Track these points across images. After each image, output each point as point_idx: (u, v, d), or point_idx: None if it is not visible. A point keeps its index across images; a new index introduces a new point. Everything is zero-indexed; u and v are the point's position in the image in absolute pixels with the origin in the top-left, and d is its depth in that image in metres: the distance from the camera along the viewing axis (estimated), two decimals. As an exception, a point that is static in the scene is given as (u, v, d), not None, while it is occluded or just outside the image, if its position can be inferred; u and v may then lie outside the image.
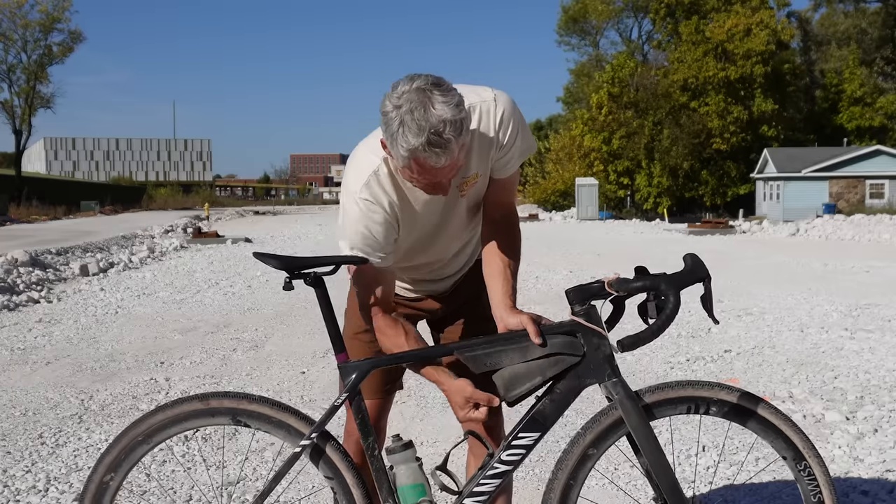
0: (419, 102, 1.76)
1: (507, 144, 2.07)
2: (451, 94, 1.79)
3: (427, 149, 1.77)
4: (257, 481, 3.59)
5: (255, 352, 6.52)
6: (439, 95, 1.78)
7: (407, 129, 1.76)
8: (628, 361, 5.82)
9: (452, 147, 1.78)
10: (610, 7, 56.66)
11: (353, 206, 2.00)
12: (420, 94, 1.77)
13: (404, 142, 1.78)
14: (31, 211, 39.91)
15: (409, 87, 1.79)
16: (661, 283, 1.90)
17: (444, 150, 1.78)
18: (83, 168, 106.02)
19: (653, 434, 1.96)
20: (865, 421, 4.32)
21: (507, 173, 2.15)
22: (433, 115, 1.76)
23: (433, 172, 1.84)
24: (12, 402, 4.95)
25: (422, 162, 1.80)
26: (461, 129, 1.79)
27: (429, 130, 1.75)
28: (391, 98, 1.80)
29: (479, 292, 2.29)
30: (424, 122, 1.75)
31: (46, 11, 51.71)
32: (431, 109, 1.76)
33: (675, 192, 47.99)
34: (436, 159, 1.79)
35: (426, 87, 1.78)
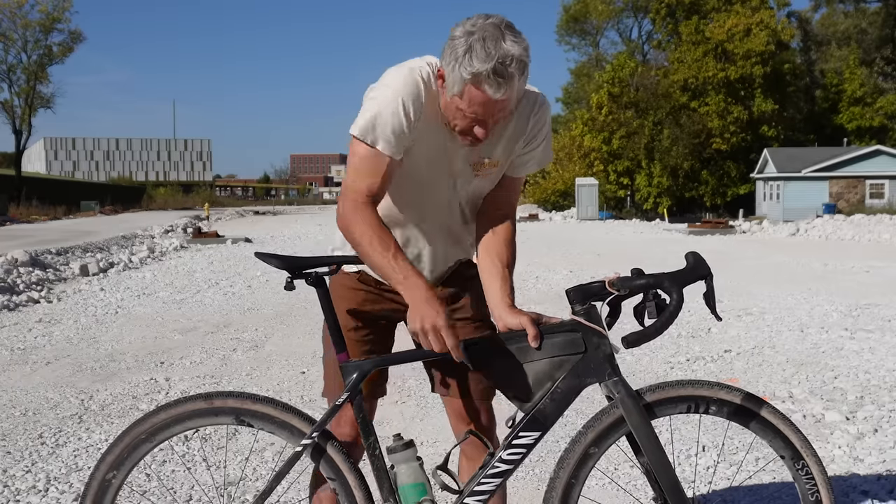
0: (492, 34, 1.80)
1: (535, 143, 2.11)
2: (521, 37, 1.84)
3: (491, 76, 1.79)
4: (257, 481, 3.59)
5: (255, 352, 6.52)
6: (511, 35, 1.82)
7: (475, 54, 1.79)
8: (628, 361, 5.83)
9: (514, 82, 1.82)
10: (610, 7, 56.69)
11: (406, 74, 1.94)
12: (494, 28, 1.82)
13: (469, 65, 1.80)
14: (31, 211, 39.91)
15: (484, 20, 1.83)
16: (664, 281, 1.91)
17: (506, 81, 1.81)
18: (83, 168, 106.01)
19: (654, 433, 1.96)
20: (865, 421, 4.33)
21: (521, 173, 2.18)
22: (503, 47, 1.80)
23: (485, 106, 1.85)
24: (12, 402, 4.96)
25: (480, 90, 1.82)
26: (524, 70, 1.83)
27: (497, 59, 1.78)
28: (464, 24, 1.84)
29: (460, 293, 2.29)
30: (494, 51, 1.79)
31: (46, 11, 51.73)
32: (502, 42, 1.80)
33: (675, 192, 48.00)
34: (495, 89, 1.81)
35: (500, 25, 1.82)
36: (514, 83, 1.82)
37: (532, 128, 2.09)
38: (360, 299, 2.24)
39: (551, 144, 2.17)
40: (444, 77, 1.90)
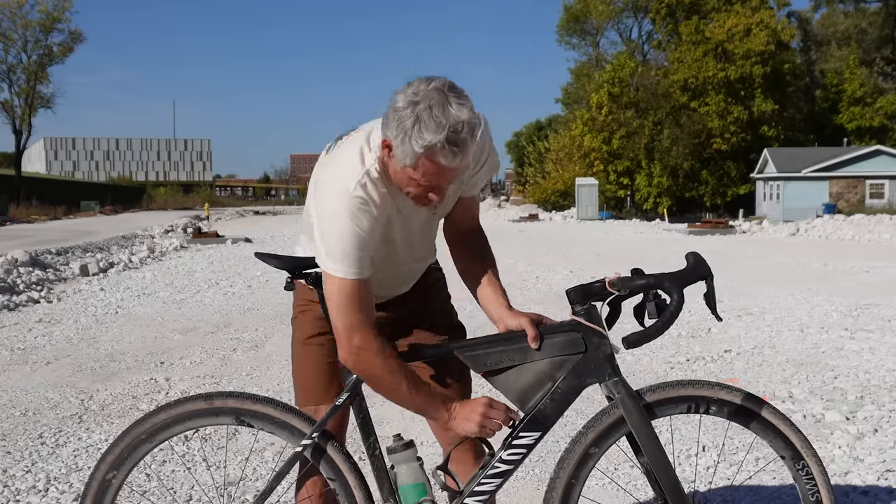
0: (438, 101, 1.75)
1: (480, 162, 2.06)
2: (465, 98, 1.79)
3: (445, 146, 1.74)
4: (257, 481, 3.59)
5: (255, 352, 6.52)
6: (455, 98, 1.77)
7: (424, 125, 1.73)
8: (628, 361, 5.82)
9: (467, 148, 1.77)
10: (610, 7, 56.69)
11: (345, 203, 1.87)
12: (438, 93, 1.76)
13: (419, 138, 1.74)
14: (31, 211, 39.92)
15: (426, 86, 1.77)
16: (665, 281, 1.91)
17: (461, 149, 1.76)
18: (83, 168, 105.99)
19: (654, 433, 1.97)
20: (865, 421, 4.33)
21: (476, 191, 2.16)
22: (452, 114, 1.74)
23: (440, 174, 1.81)
24: (12, 402, 4.96)
25: (434, 161, 1.77)
26: (474, 131, 1.77)
27: (448, 128, 1.73)
28: (406, 94, 1.77)
29: (427, 300, 2.29)
30: (444, 120, 1.74)
31: (46, 11, 51.74)
32: (450, 108, 1.75)
33: (675, 192, 48.00)
34: (450, 159, 1.76)
35: (443, 88, 1.77)
36: (467, 149, 1.77)
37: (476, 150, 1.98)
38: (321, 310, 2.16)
39: (495, 151, 2.11)
40: (390, 147, 1.82)
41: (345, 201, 1.88)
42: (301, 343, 2.26)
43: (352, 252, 1.88)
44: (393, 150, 1.82)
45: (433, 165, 1.78)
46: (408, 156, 1.78)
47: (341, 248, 1.88)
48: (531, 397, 1.99)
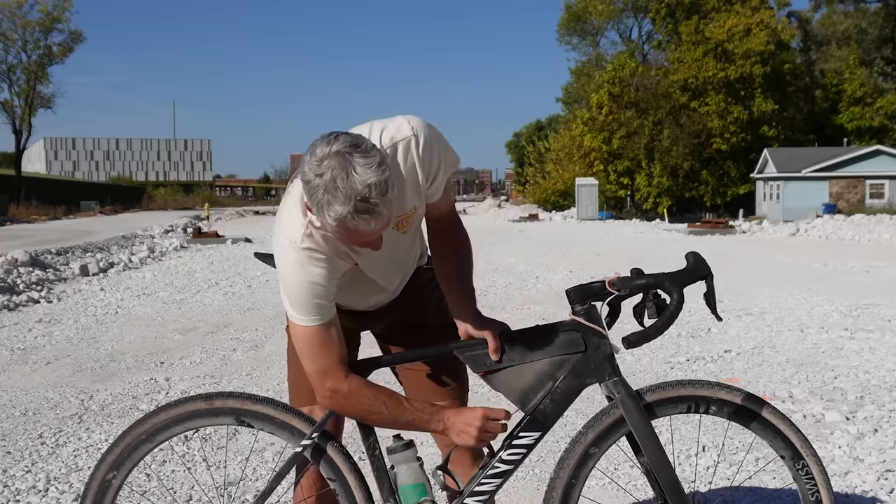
0: (341, 168, 1.69)
1: (433, 172, 2.02)
2: (371, 155, 1.71)
3: (356, 216, 1.70)
4: (257, 481, 3.59)
5: (255, 352, 6.52)
6: (360, 158, 1.70)
7: (332, 197, 1.69)
8: (628, 361, 5.82)
9: (381, 210, 1.72)
10: (610, 7, 56.68)
11: (294, 256, 1.88)
12: (340, 158, 1.69)
13: (331, 211, 1.70)
14: (31, 211, 39.92)
15: (328, 151, 1.71)
16: (665, 281, 1.91)
17: (373, 214, 1.71)
18: (83, 168, 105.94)
19: (654, 433, 1.97)
20: (865, 421, 4.33)
21: (439, 195, 2.10)
22: (357, 180, 1.69)
23: (364, 234, 1.78)
24: (12, 402, 4.96)
25: (351, 229, 1.74)
26: (386, 190, 1.72)
27: (355, 198, 1.68)
28: (311, 166, 1.72)
29: (419, 301, 2.27)
30: (350, 190, 1.68)
31: (46, 11, 51.73)
32: (354, 174, 1.69)
33: (675, 192, 47.99)
34: (366, 224, 1.72)
35: (345, 151, 1.70)
36: (380, 210, 1.71)
37: (422, 162, 1.97)
38: None
39: (448, 148, 2.06)
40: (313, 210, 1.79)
41: (293, 255, 1.88)
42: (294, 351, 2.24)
43: (308, 301, 1.89)
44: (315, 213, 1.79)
45: (353, 230, 1.75)
46: (327, 225, 1.76)
47: (298, 299, 1.90)
48: (531, 397, 1.99)
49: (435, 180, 2.03)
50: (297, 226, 1.89)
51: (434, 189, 2.05)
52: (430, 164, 1.98)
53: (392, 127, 1.95)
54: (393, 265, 2.14)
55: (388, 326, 2.31)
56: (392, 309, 2.25)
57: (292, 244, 1.89)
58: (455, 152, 2.08)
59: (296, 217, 1.90)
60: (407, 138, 1.94)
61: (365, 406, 1.94)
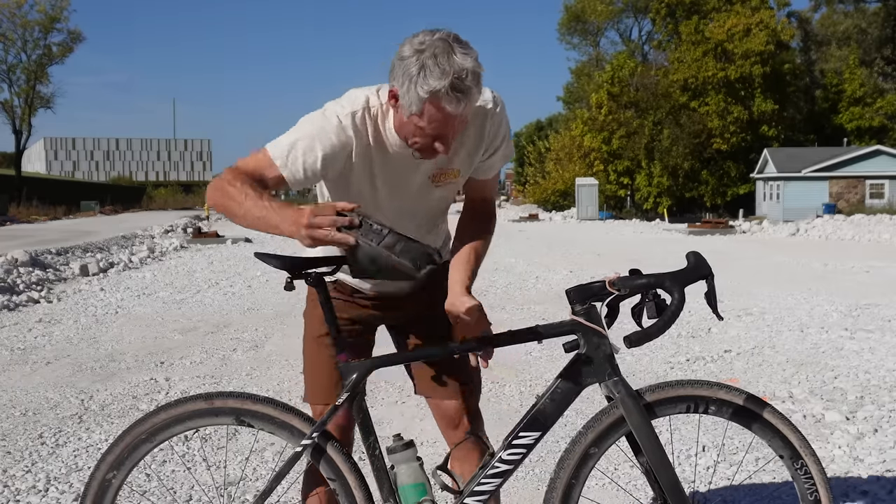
0: (443, 49, 1.79)
1: (493, 149, 2.09)
2: (470, 49, 1.83)
3: (449, 92, 1.78)
4: (257, 481, 3.59)
5: (255, 352, 6.52)
6: (460, 47, 1.81)
7: (429, 72, 1.78)
8: (628, 361, 5.83)
9: (472, 95, 1.81)
10: (610, 7, 56.69)
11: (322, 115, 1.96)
12: (444, 43, 1.81)
13: (425, 84, 1.79)
14: (31, 211, 39.92)
15: (431, 37, 1.81)
16: (666, 281, 1.91)
17: (465, 96, 1.80)
18: (83, 168, 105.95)
19: (654, 433, 1.97)
20: (865, 421, 4.33)
21: (489, 175, 2.18)
22: (456, 61, 1.79)
23: (445, 122, 1.84)
24: (12, 402, 4.96)
25: (438, 107, 1.81)
26: (479, 80, 1.82)
27: (453, 74, 1.78)
28: (411, 43, 1.82)
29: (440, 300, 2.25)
30: (448, 67, 1.78)
31: (45, 11, 51.73)
32: (454, 56, 1.79)
33: (676, 192, 47.98)
34: (455, 105, 1.80)
35: (447, 39, 1.81)
36: (471, 96, 1.82)
37: (489, 132, 2.07)
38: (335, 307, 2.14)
39: (511, 141, 2.16)
40: (397, 97, 1.87)
41: (324, 113, 1.97)
42: (313, 339, 2.26)
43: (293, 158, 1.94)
44: (399, 99, 1.86)
45: (438, 112, 1.82)
46: (413, 103, 1.83)
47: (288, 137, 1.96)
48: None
49: (491, 157, 2.11)
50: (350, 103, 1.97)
51: (485, 167, 2.13)
52: (494, 139, 2.08)
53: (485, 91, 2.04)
54: (409, 212, 2.14)
55: (408, 316, 2.31)
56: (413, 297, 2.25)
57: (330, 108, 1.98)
58: (513, 146, 2.18)
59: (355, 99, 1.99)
60: (486, 101, 2.04)
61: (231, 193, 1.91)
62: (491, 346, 2.05)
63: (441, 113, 1.82)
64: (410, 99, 1.82)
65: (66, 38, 53.91)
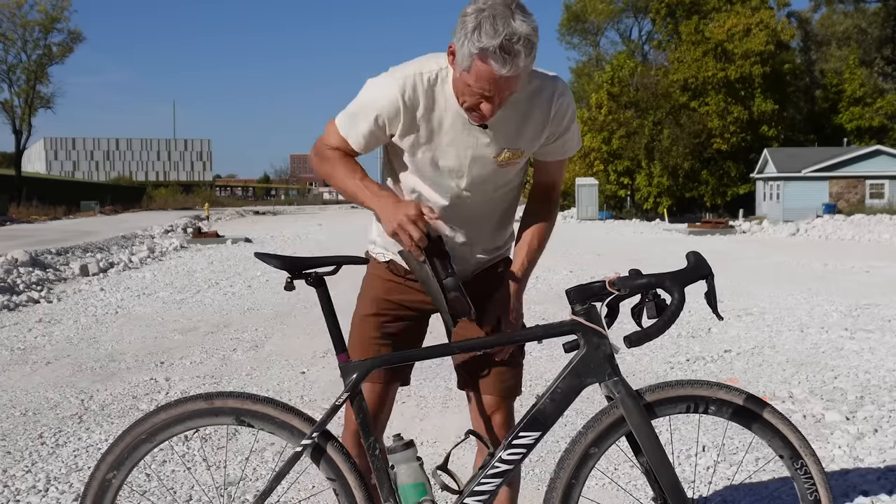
0: (502, 11, 1.84)
1: (560, 128, 2.14)
2: (530, 18, 1.87)
3: (497, 51, 1.82)
4: (257, 481, 3.59)
5: (255, 352, 6.52)
6: (521, 14, 1.85)
7: (483, 30, 1.82)
8: (628, 361, 5.83)
9: (520, 60, 1.84)
10: (610, 7, 56.69)
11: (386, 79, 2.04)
12: (504, 6, 1.84)
13: (477, 40, 1.83)
14: (31, 211, 39.90)
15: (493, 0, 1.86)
16: (666, 280, 1.91)
17: (512, 58, 1.83)
18: (83, 168, 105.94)
19: (654, 432, 1.97)
20: (865, 421, 4.33)
21: (556, 157, 2.23)
22: (511, 24, 1.83)
23: (491, 82, 1.87)
24: (12, 402, 4.96)
25: (487, 65, 1.85)
26: (531, 49, 1.85)
27: (504, 35, 1.81)
28: (476, 2, 1.87)
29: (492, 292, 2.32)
30: (502, 27, 1.82)
31: (45, 11, 51.73)
32: (511, 20, 1.83)
33: (676, 192, 47.99)
34: (501, 65, 1.84)
35: (511, 4, 1.85)
36: (519, 60, 1.85)
37: (555, 115, 2.11)
38: (387, 288, 2.31)
39: (578, 131, 2.21)
40: (454, 53, 1.92)
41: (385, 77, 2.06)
42: (360, 317, 2.34)
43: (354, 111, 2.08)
44: (455, 55, 1.92)
45: (486, 69, 1.86)
46: (464, 58, 1.88)
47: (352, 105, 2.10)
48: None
49: (555, 142, 2.16)
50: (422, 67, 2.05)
51: (552, 149, 2.19)
52: (560, 122, 2.13)
53: (550, 75, 2.12)
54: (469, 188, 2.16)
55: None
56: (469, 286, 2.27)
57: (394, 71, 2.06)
58: (580, 138, 2.24)
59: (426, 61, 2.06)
60: (554, 80, 2.11)
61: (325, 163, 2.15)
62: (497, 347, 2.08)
63: (489, 71, 1.86)
64: (463, 55, 1.88)
65: (66, 38, 53.95)
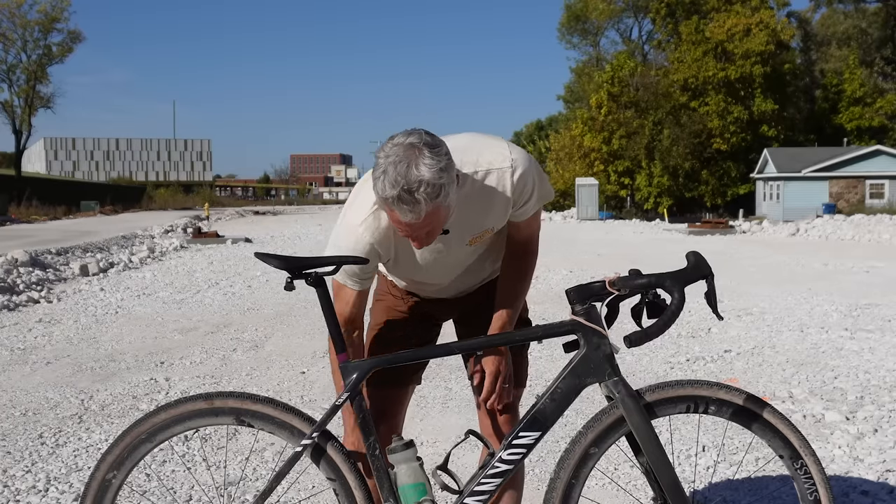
0: (405, 157, 1.79)
1: (523, 201, 2.13)
2: (439, 158, 1.81)
3: (395, 202, 1.80)
4: (257, 481, 3.59)
5: (255, 352, 6.52)
6: (428, 156, 1.80)
7: (387, 178, 1.80)
8: (628, 361, 5.83)
9: (421, 207, 1.80)
10: (610, 6, 56.71)
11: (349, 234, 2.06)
12: (409, 150, 1.80)
13: (381, 189, 1.82)
14: (31, 211, 39.88)
15: (402, 141, 1.82)
16: (666, 280, 1.91)
17: (413, 207, 1.80)
18: (83, 168, 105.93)
19: (654, 432, 1.97)
20: (865, 421, 4.33)
21: (525, 218, 2.21)
22: (413, 173, 1.78)
23: (402, 225, 1.87)
24: (12, 402, 4.96)
25: (393, 213, 1.85)
26: (438, 193, 1.80)
27: (402, 186, 1.78)
28: (385, 147, 1.84)
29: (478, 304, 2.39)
30: (402, 178, 1.78)
31: (45, 11, 51.73)
32: (413, 168, 1.78)
33: (676, 192, 48.01)
34: (403, 214, 1.82)
35: (418, 145, 1.81)
36: (420, 208, 1.80)
37: (515, 191, 2.08)
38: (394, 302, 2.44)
39: (545, 183, 2.17)
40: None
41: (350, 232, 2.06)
42: (376, 325, 2.44)
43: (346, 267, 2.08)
44: None
45: (394, 216, 1.86)
46: (379, 200, 1.88)
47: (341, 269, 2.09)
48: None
49: (522, 208, 2.15)
50: (364, 211, 2.05)
51: (520, 215, 2.19)
52: (521, 194, 2.11)
53: (494, 152, 2.07)
54: (451, 268, 2.27)
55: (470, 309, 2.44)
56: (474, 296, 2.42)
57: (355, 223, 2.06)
58: (550, 188, 2.22)
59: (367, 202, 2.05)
60: (503, 168, 2.06)
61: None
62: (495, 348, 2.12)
63: (396, 218, 1.85)
64: (377, 196, 1.86)
65: (66, 38, 53.99)
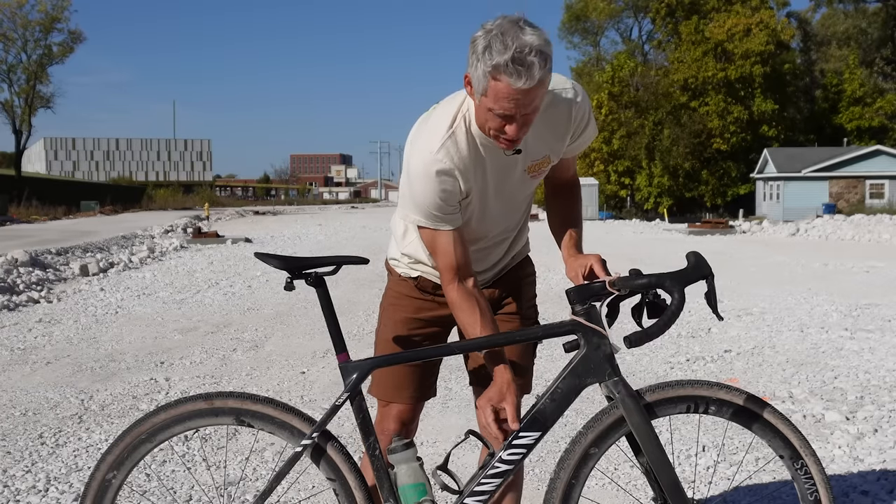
0: (510, 27, 1.82)
1: (580, 131, 2.17)
2: (540, 31, 1.84)
3: (510, 65, 1.79)
4: (257, 481, 3.59)
5: (255, 352, 6.52)
6: (530, 28, 1.83)
7: (494, 48, 1.80)
8: (628, 361, 5.83)
9: (534, 70, 1.80)
10: (610, 6, 56.71)
11: (426, 169, 1.99)
12: (511, 23, 1.83)
13: (489, 58, 1.81)
14: (31, 211, 39.86)
15: (502, 19, 1.85)
16: (666, 280, 1.91)
17: (526, 70, 1.80)
18: (83, 168, 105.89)
19: (654, 432, 1.97)
20: (865, 421, 4.33)
21: (574, 154, 2.27)
22: (521, 38, 1.80)
23: (510, 99, 1.83)
24: (12, 402, 4.96)
25: (502, 82, 1.82)
26: (545, 60, 1.82)
27: (514, 49, 1.79)
28: (483, 26, 1.86)
29: (519, 291, 2.38)
30: (511, 42, 1.80)
31: (46, 11, 51.73)
32: (520, 34, 1.81)
33: (676, 192, 48.01)
34: (516, 78, 1.80)
35: (518, 21, 1.84)
36: (534, 71, 1.81)
37: (575, 118, 2.13)
38: (416, 307, 2.34)
39: (594, 122, 2.23)
40: (471, 82, 1.90)
41: (425, 164, 2.00)
42: (386, 342, 2.35)
43: (431, 211, 2.02)
44: (472, 83, 1.90)
45: (502, 87, 1.82)
46: (480, 81, 1.85)
47: (423, 206, 2.02)
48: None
49: (578, 139, 2.18)
50: (439, 136, 2.00)
51: (572, 150, 2.22)
52: (580, 122, 2.14)
53: (561, 79, 2.10)
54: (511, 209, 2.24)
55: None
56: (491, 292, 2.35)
57: (428, 153, 2.00)
58: (596, 127, 2.25)
59: (440, 126, 2.02)
60: (566, 89, 2.10)
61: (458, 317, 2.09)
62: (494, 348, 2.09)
63: (505, 88, 1.82)
64: (478, 78, 1.85)
65: (66, 38, 53.96)
